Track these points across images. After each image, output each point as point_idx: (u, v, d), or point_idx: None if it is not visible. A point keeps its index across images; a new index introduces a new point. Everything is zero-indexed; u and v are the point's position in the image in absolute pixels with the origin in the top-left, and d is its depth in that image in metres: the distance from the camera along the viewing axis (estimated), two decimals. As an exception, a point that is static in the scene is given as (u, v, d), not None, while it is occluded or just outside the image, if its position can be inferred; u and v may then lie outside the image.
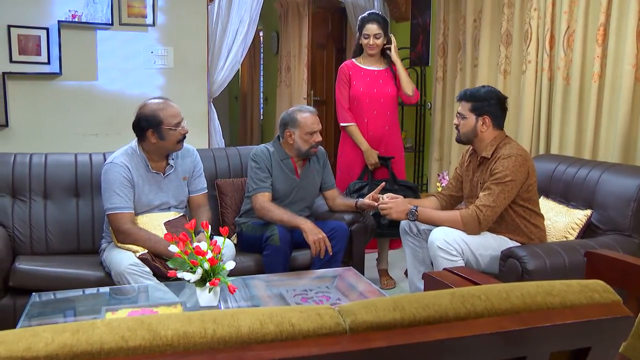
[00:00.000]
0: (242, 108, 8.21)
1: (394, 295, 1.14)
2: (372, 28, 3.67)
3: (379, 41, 3.69)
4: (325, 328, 0.99)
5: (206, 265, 2.08)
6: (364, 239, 3.27)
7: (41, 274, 2.67)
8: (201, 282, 2.12)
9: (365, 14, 3.76)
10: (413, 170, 5.12)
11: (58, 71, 4.12)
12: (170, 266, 2.16)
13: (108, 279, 2.67)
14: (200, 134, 4.57)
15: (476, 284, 1.98)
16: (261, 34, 8.09)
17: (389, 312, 1.04)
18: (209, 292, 2.13)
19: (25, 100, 4.10)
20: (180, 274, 2.11)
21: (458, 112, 2.87)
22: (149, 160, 2.88)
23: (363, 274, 3.58)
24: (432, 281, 1.98)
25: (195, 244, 2.12)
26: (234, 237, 3.26)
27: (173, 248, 2.12)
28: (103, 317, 2.04)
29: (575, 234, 2.91)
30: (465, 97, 2.84)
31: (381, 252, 3.88)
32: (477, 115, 2.79)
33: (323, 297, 2.37)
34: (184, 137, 2.89)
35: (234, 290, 2.11)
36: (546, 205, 3.09)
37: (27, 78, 4.09)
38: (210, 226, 2.28)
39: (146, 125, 2.80)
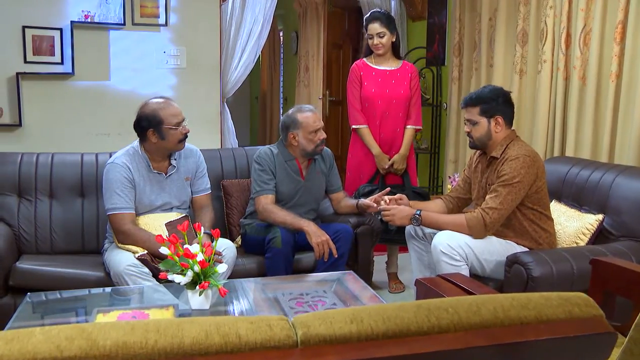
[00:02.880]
0: (261, 108, 8.21)
1: (357, 307, 1.09)
2: (374, 27, 3.56)
3: (384, 40, 3.58)
4: (274, 340, 0.95)
5: (196, 268, 2.05)
6: (370, 242, 3.21)
7: (41, 273, 2.68)
8: (192, 284, 2.09)
9: (368, 14, 3.68)
10: (428, 172, 5.03)
11: (71, 71, 4.15)
12: (161, 268, 2.14)
13: (108, 279, 2.66)
14: (213, 135, 4.57)
15: (470, 292, 1.91)
16: (281, 34, 8.09)
17: (345, 325, 0.99)
18: (199, 295, 2.10)
19: (38, 100, 4.14)
20: (170, 276, 2.09)
21: (467, 119, 2.77)
22: (151, 160, 2.86)
23: (369, 277, 3.53)
24: (424, 288, 1.91)
25: (185, 246, 2.09)
26: (238, 238, 3.24)
27: (164, 250, 2.10)
28: (94, 318, 2.03)
29: (587, 239, 2.80)
30: (471, 102, 2.75)
31: (391, 255, 3.81)
32: (488, 118, 2.71)
33: (318, 301, 2.31)
34: (186, 136, 2.87)
35: (225, 294, 2.07)
36: (557, 209, 2.99)
37: (40, 78, 4.13)
38: (203, 227, 2.24)
39: (147, 124, 2.79)
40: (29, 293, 2.32)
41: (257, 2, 4.66)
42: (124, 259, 2.60)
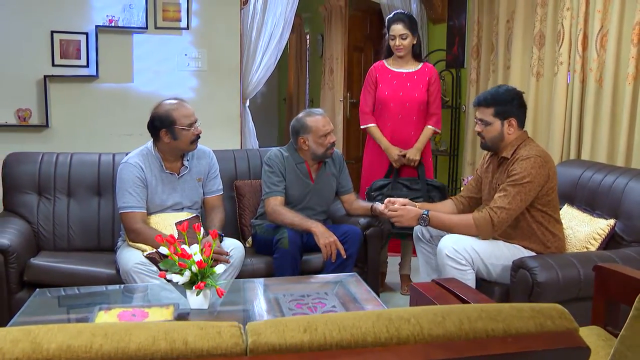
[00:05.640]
0: (288, 110, 8.29)
1: (315, 315, 1.09)
2: (398, 28, 3.54)
3: (406, 42, 3.56)
4: (221, 348, 0.94)
5: (194, 268, 2.10)
6: (379, 244, 3.21)
7: (54, 269, 2.77)
8: (190, 284, 2.14)
9: (391, 14, 3.65)
10: (447, 174, 4.99)
11: (95, 74, 4.26)
12: (161, 267, 2.19)
13: (119, 277, 2.73)
14: (233, 136, 4.62)
15: (463, 299, 1.88)
16: (307, 37, 8.14)
17: (298, 334, 0.98)
18: (197, 295, 2.14)
19: (65, 102, 4.27)
20: (168, 276, 2.14)
21: (479, 119, 2.73)
22: (164, 160, 2.93)
23: (380, 278, 3.53)
24: (417, 293, 1.90)
25: (183, 246, 2.13)
26: (249, 239, 3.28)
27: (163, 250, 2.15)
28: (95, 315, 2.08)
29: (597, 244, 2.75)
30: (485, 101, 2.70)
31: (404, 257, 3.79)
32: (502, 119, 2.67)
33: (318, 303, 2.32)
34: (198, 137, 2.92)
35: (222, 294, 2.11)
36: (569, 214, 2.94)
37: (67, 81, 4.25)
38: (202, 228, 2.28)
39: (160, 124, 2.85)
40: (37, 289, 2.40)
41: (278, 5, 4.70)
42: (132, 257, 2.67)
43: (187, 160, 2.99)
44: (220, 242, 2.81)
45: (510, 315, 1.12)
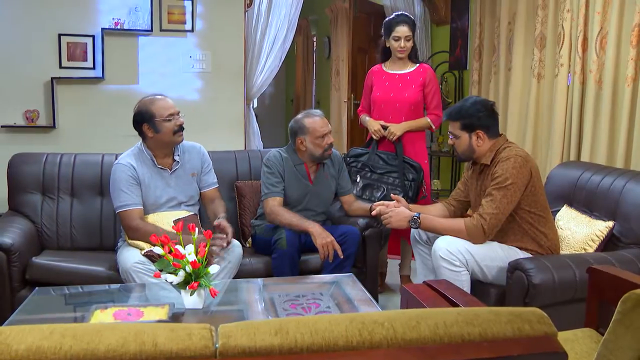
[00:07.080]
0: (295, 111, 8.32)
1: (287, 317, 1.09)
2: (403, 30, 3.51)
3: (410, 44, 3.55)
4: (190, 350, 0.94)
5: (188, 268, 2.13)
6: (378, 245, 3.23)
7: (55, 268, 2.81)
8: (184, 284, 2.17)
9: (393, 16, 3.63)
10: (450, 176, 5.00)
11: (101, 76, 4.31)
12: (156, 268, 2.22)
13: (119, 276, 2.77)
14: (237, 137, 4.66)
15: (452, 301, 1.89)
16: (314, 39, 8.17)
17: (268, 337, 0.98)
18: (191, 295, 2.17)
19: (71, 104, 4.32)
20: (163, 276, 2.17)
21: (450, 132, 2.77)
22: (155, 157, 2.97)
23: (379, 279, 3.54)
24: (407, 295, 1.91)
25: (177, 246, 2.16)
26: (249, 239, 3.31)
27: (157, 250, 2.18)
28: (90, 314, 2.12)
29: (595, 246, 2.75)
30: (452, 116, 2.74)
31: (404, 258, 3.80)
32: (469, 132, 2.70)
33: (313, 304, 2.35)
34: (181, 128, 2.95)
35: (215, 294, 2.14)
36: (568, 215, 2.94)
37: (73, 82, 4.31)
38: (197, 228, 2.31)
39: (140, 119, 2.92)
40: (36, 287, 2.44)
41: (282, 7, 4.73)
42: (131, 256, 2.71)
43: (178, 155, 3.03)
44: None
45: (487, 319, 1.11)
